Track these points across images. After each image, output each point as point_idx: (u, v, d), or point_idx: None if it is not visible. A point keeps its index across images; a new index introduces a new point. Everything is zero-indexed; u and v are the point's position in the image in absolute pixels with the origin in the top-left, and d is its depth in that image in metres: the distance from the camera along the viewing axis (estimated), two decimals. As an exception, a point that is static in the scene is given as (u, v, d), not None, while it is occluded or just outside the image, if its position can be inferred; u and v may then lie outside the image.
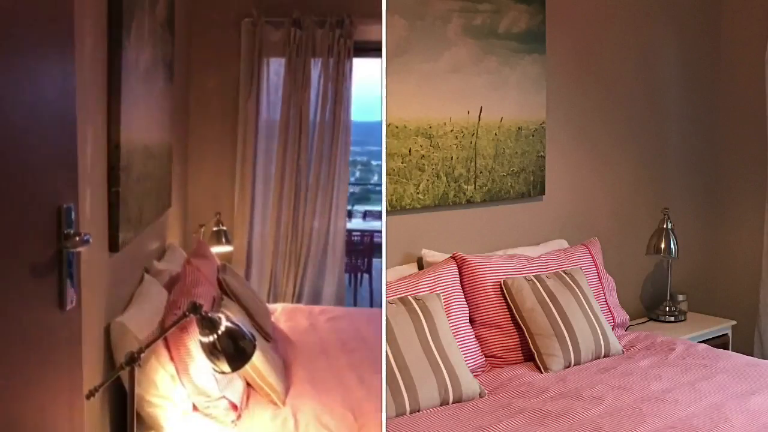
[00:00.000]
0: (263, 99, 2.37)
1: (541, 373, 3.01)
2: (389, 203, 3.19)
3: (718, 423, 2.49)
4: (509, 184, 3.61)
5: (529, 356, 3.11)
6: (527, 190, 3.69)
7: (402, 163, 3.21)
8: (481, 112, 3.46)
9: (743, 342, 4.28)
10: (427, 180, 3.31)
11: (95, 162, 1.77)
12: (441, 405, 2.66)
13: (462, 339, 2.99)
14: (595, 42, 3.95)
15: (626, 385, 2.84)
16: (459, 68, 3.38)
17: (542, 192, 3.75)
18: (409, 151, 3.24)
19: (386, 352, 2.62)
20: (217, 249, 2.45)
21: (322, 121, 2.41)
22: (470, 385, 2.75)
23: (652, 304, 4.28)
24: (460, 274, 3.17)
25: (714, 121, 4.57)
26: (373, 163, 2.57)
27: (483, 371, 3.04)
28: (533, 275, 3.25)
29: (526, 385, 2.88)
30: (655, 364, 3.11)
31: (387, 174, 3.14)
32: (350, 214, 2.50)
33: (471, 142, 3.44)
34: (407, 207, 3.25)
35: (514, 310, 3.14)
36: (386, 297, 2.75)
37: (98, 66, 1.80)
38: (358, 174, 2.53)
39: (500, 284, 3.19)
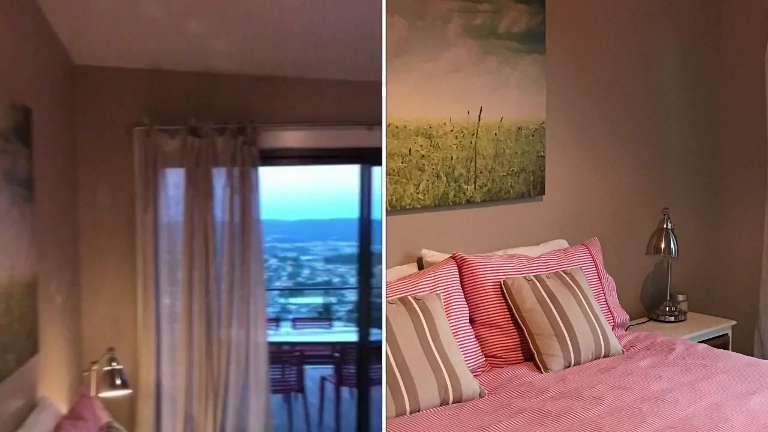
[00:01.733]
0: (162, 212, 2.14)
1: (541, 373, 3.01)
2: (389, 203, 3.19)
3: (718, 423, 2.49)
4: (509, 184, 3.61)
5: (529, 356, 3.11)
6: (527, 190, 3.69)
7: (402, 163, 3.22)
8: (481, 112, 3.46)
9: (743, 342, 4.28)
10: (427, 180, 3.31)
11: None
12: (441, 405, 2.67)
13: (462, 339, 2.99)
14: (595, 42, 3.95)
15: (626, 385, 2.84)
16: (459, 68, 3.38)
17: (542, 192, 3.75)
18: (409, 151, 3.24)
19: (386, 352, 2.62)
20: (109, 393, 2.01)
21: (230, 230, 2.18)
22: (470, 385, 2.75)
23: (652, 304, 4.28)
24: (460, 274, 3.17)
25: (714, 121, 4.57)
26: (302, 257, 2.47)
27: (483, 371, 3.04)
28: (533, 275, 3.25)
29: (526, 385, 2.88)
30: (655, 364, 3.11)
31: (387, 174, 3.14)
32: (278, 321, 2.30)
33: (471, 142, 3.44)
34: (407, 207, 3.25)
35: (514, 310, 3.14)
36: (386, 297, 2.75)
37: None
38: (289, 269, 2.40)
39: (500, 284, 3.19)
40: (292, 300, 2.41)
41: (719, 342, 3.90)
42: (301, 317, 2.40)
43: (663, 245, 4.02)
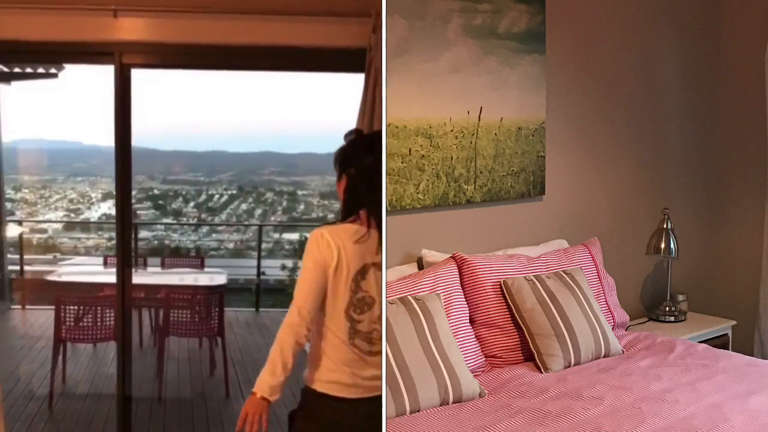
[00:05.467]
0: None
1: (541, 373, 3.01)
2: (389, 203, 3.19)
3: (718, 423, 2.49)
4: (509, 184, 3.61)
5: (529, 356, 3.11)
6: (527, 190, 3.69)
7: (402, 163, 3.22)
8: (481, 112, 3.46)
9: (743, 342, 4.28)
10: (427, 180, 3.31)
11: None
12: (441, 405, 2.66)
13: (462, 339, 2.99)
14: (595, 42, 3.95)
15: (626, 385, 2.84)
16: (459, 68, 3.38)
17: (542, 192, 3.75)
18: (409, 151, 3.24)
19: (386, 352, 2.62)
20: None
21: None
22: (470, 385, 2.75)
23: (652, 304, 4.28)
24: (460, 274, 3.17)
25: (714, 121, 4.57)
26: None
27: (483, 371, 3.04)
28: (533, 275, 3.25)
29: (526, 385, 2.88)
30: (655, 364, 3.11)
31: (387, 174, 3.14)
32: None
33: (471, 142, 3.44)
34: (407, 207, 3.25)
35: (514, 310, 3.14)
36: (386, 297, 2.75)
37: None
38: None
39: (500, 284, 3.19)
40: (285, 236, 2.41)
41: (719, 342, 3.90)
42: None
43: (663, 245, 4.02)
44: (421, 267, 3.26)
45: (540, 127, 3.70)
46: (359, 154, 1.96)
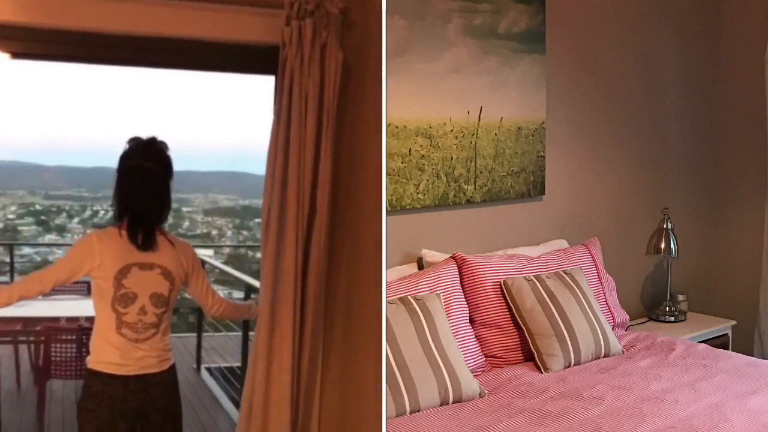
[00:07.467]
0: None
1: (541, 373, 3.01)
2: (389, 203, 3.19)
3: (718, 423, 2.49)
4: (509, 184, 3.61)
5: (529, 356, 3.11)
6: (527, 190, 3.69)
7: (402, 163, 3.22)
8: (481, 112, 3.46)
9: (743, 342, 4.28)
10: (427, 180, 3.31)
11: None
12: (441, 405, 2.67)
13: (462, 339, 2.99)
14: (595, 42, 3.95)
15: (626, 385, 2.84)
16: (459, 68, 3.38)
17: (542, 192, 3.75)
18: (409, 151, 3.24)
19: (386, 352, 2.62)
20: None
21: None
22: (470, 385, 2.75)
23: (652, 304, 4.28)
24: (460, 274, 3.17)
25: (714, 121, 4.57)
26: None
27: (483, 371, 3.04)
28: (533, 275, 3.25)
29: (526, 385, 2.88)
30: (655, 364, 3.11)
31: (387, 174, 3.14)
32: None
33: (471, 142, 3.44)
34: (407, 207, 3.25)
35: (514, 310, 3.14)
36: (386, 297, 2.74)
37: None
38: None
39: (500, 284, 3.19)
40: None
41: (719, 342, 3.90)
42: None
43: (663, 245, 4.02)
44: (421, 267, 3.26)
45: (540, 127, 3.70)
46: (126, 157, 2.18)
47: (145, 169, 2.17)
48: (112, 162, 2.15)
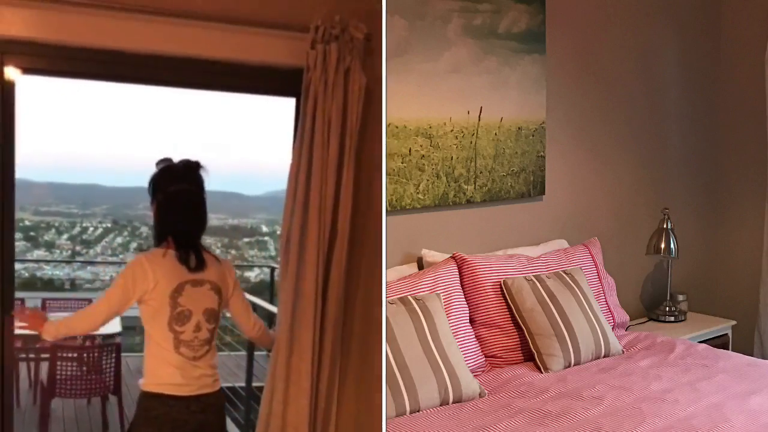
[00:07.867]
0: None
1: (541, 373, 3.01)
2: (389, 203, 3.19)
3: (718, 423, 2.49)
4: (509, 184, 3.61)
5: (529, 356, 3.11)
6: (527, 190, 3.69)
7: (402, 163, 3.22)
8: (481, 112, 3.46)
9: (743, 342, 4.28)
10: (427, 180, 3.31)
11: None
12: (441, 405, 2.67)
13: (462, 339, 2.99)
14: (595, 42, 3.95)
15: (626, 385, 2.84)
16: (459, 68, 3.38)
17: (542, 192, 3.75)
18: (409, 151, 3.24)
19: (386, 352, 2.62)
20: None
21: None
22: (470, 385, 2.75)
23: (652, 304, 4.28)
24: (460, 274, 3.17)
25: (714, 121, 4.57)
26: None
27: (483, 371, 3.04)
28: (533, 275, 3.25)
29: (526, 385, 2.88)
30: (655, 364, 3.11)
31: (387, 174, 3.14)
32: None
33: (471, 142, 3.44)
34: (407, 207, 3.25)
35: (514, 310, 3.14)
36: (386, 297, 2.75)
37: None
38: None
39: (500, 284, 3.19)
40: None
41: (719, 342, 3.90)
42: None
43: (663, 245, 4.02)
44: (421, 267, 3.26)
45: (540, 127, 3.70)
46: (166, 182, 2.16)
47: (193, 193, 2.16)
48: (102, 179, 2.13)
